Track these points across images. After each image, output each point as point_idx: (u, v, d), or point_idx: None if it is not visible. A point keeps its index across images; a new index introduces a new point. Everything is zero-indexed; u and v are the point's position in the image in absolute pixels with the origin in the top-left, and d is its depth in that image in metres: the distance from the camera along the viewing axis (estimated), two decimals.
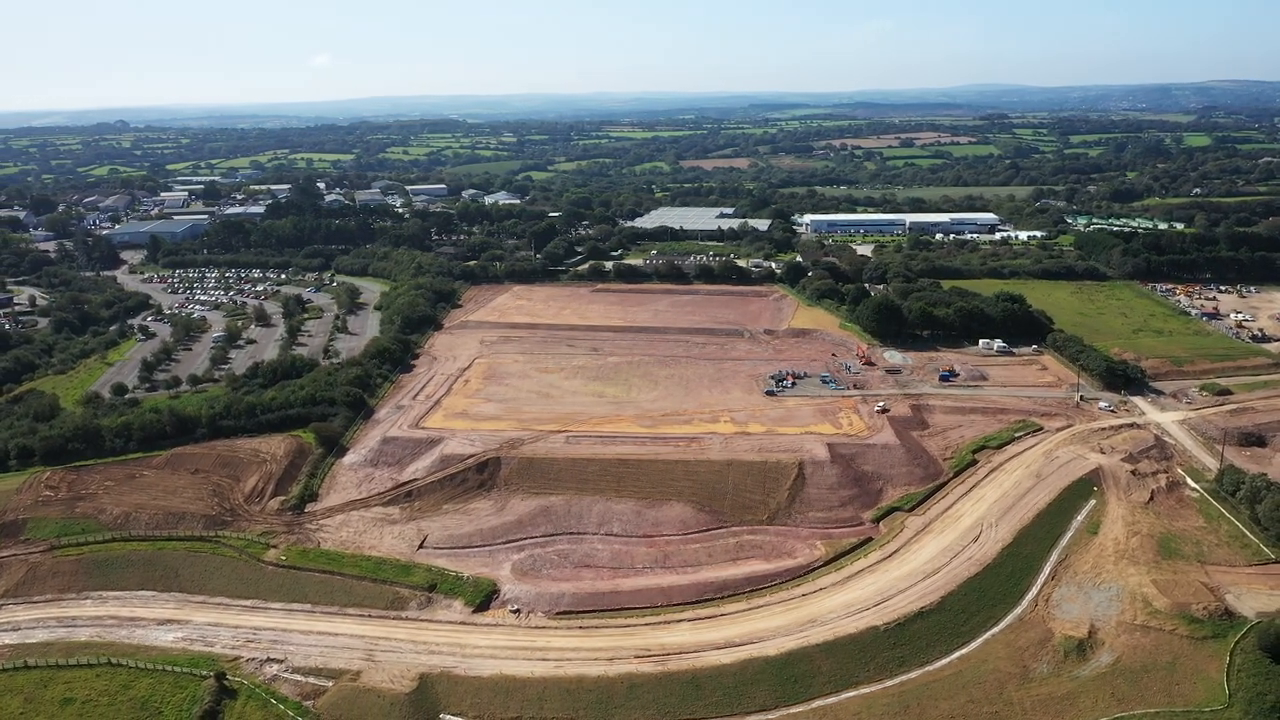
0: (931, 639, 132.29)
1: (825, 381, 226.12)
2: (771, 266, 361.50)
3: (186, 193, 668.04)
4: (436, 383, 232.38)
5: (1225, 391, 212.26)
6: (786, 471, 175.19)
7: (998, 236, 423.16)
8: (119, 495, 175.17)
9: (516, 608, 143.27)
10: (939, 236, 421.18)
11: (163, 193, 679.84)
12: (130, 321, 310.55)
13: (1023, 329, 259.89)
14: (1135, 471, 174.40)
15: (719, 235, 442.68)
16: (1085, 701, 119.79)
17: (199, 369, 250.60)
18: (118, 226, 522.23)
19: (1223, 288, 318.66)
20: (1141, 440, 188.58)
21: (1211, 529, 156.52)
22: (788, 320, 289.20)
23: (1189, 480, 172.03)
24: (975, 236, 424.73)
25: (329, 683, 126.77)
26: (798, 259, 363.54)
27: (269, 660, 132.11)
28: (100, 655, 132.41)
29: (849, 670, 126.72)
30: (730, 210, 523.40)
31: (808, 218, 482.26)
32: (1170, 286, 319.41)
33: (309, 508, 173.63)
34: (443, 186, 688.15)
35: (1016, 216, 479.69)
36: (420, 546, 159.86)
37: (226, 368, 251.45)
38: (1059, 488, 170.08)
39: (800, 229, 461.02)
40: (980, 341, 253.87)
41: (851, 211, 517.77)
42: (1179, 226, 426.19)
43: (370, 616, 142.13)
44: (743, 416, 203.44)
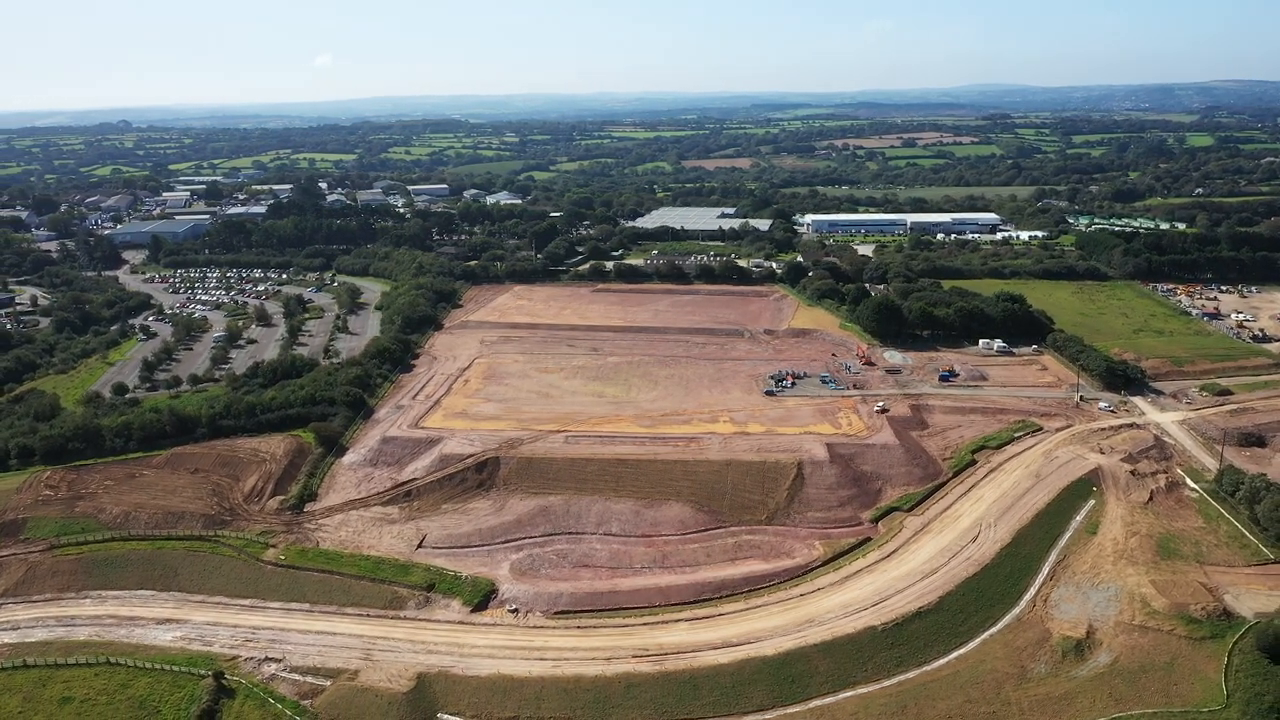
0: (929, 639, 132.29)
1: (825, 381, 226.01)
2: (772, 266, 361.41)
3: (188, 193, 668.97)
4: (436, 382, 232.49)
5: (1225, 392, 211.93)
6: (785, 471, 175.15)
7: (999, 236, 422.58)
8: (119, 495, 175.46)
9: (515, 607, 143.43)
10: (940, 236, 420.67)
11: (165, 193, 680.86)
12: (131, 321, 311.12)
13: (1023, 329, 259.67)
14: (1135, 472, 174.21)
15: (720, 235, 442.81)
16: (1083, 701, 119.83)
17: (199, 369, 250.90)
18: (119, 226, 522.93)
19: (1224, 288, 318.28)
20: (1141, 440, 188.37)
21: (1210, 529, 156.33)
22: (788, 320, 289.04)
23: (1188, 480, 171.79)
24: (976, 236, 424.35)
25: (327, 682, 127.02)
26: (798, 259, 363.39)
27: (267, 659, 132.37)
28: (99, 654, 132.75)
29: (847, 670, 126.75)
30: (731, 210, 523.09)
31: (809, 218, 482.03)
32: (1171, 286, 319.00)
33: (308, 507, 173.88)
34: (444, 186, 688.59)
35: (1018, 216, 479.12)
36: (419, 546, 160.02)
37: (227, 367, 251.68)
38: (1058, 488, 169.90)
39: (801, 229, 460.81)
40: (980, 341, 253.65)
41: (853, 211, 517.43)
42: (1181, 226, 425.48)
43: (368, 616, 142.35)
44: (742, 416, 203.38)
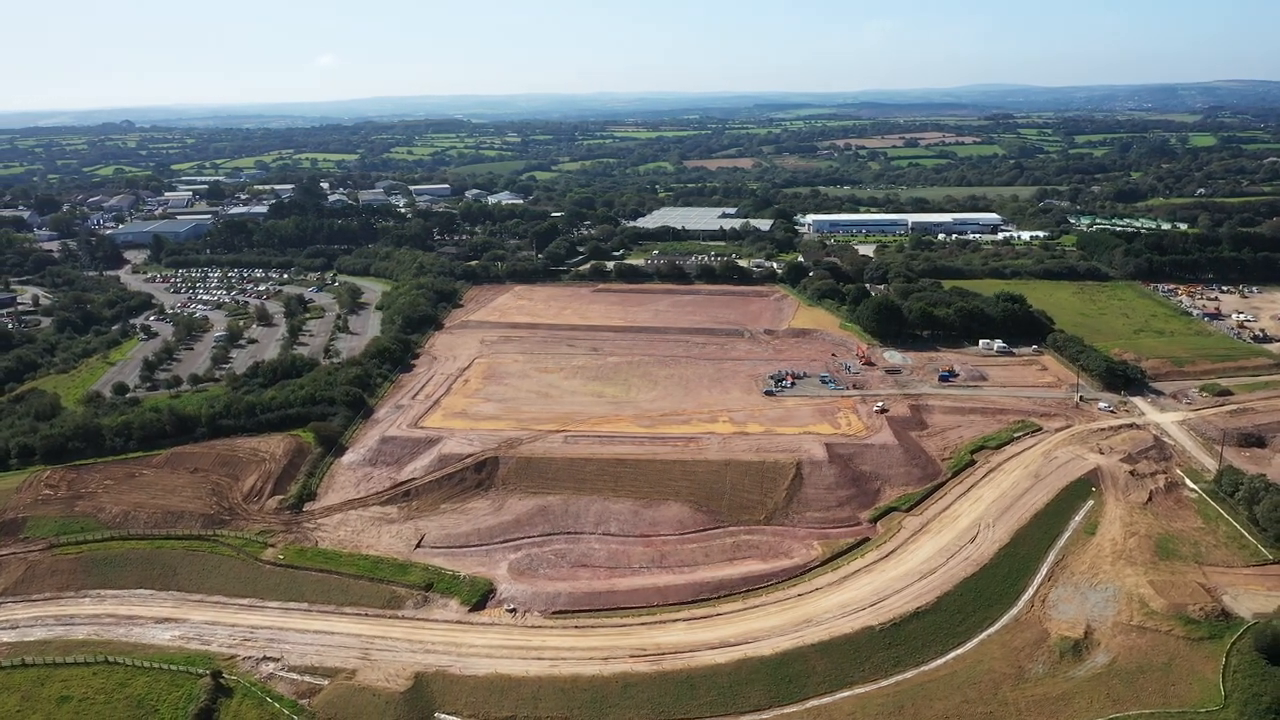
0: (927, 639, 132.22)
1: (824, 381, 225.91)
2: (773, 266, 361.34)
3: (191, 193, 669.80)
4: (436, 382, 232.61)
5: (1225, 392, 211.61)
6: (784, 471, 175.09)
7: (1000, 237, 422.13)
8: (118, 494, 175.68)
9: (513, 607, 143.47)
10: (941, 236, 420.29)
11: (167, 192, 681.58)
12: (132, 321, 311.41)
13: (1023, 329, 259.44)
14: (1134, 472, 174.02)
15: (721, 235, 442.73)
16: (1080, 702, 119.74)
17: (200, 368, 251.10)
18: (121, 226, 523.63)
19: (1225, 288, 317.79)
20: (1141, 441, 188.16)
21: (1209, 530, 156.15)
22: (788, 320, 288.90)
23: (1188, 481, 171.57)
24: (977, 236, 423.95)
25: (325, 681, 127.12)
26: (799, 259, 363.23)
27: (265, 659, 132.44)
28: (97, 653, 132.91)
29: (844, 670, 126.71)
30: (733, 210, 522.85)
31: (810, 218, 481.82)
32: (1172, 287, 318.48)
33: (307, 507, 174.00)
34: (446, 186, 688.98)
35: (1019, 217, 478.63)
36: (418, 546, 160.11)
37: (227, 367, 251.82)
38: (1057, 488, 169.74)
39: (802, 229, 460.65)
40: (980, 342, 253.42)
41: (854, 211, 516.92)
42: (1182, 227, 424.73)
43: (367, 615, 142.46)
44: (741, 416, 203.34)
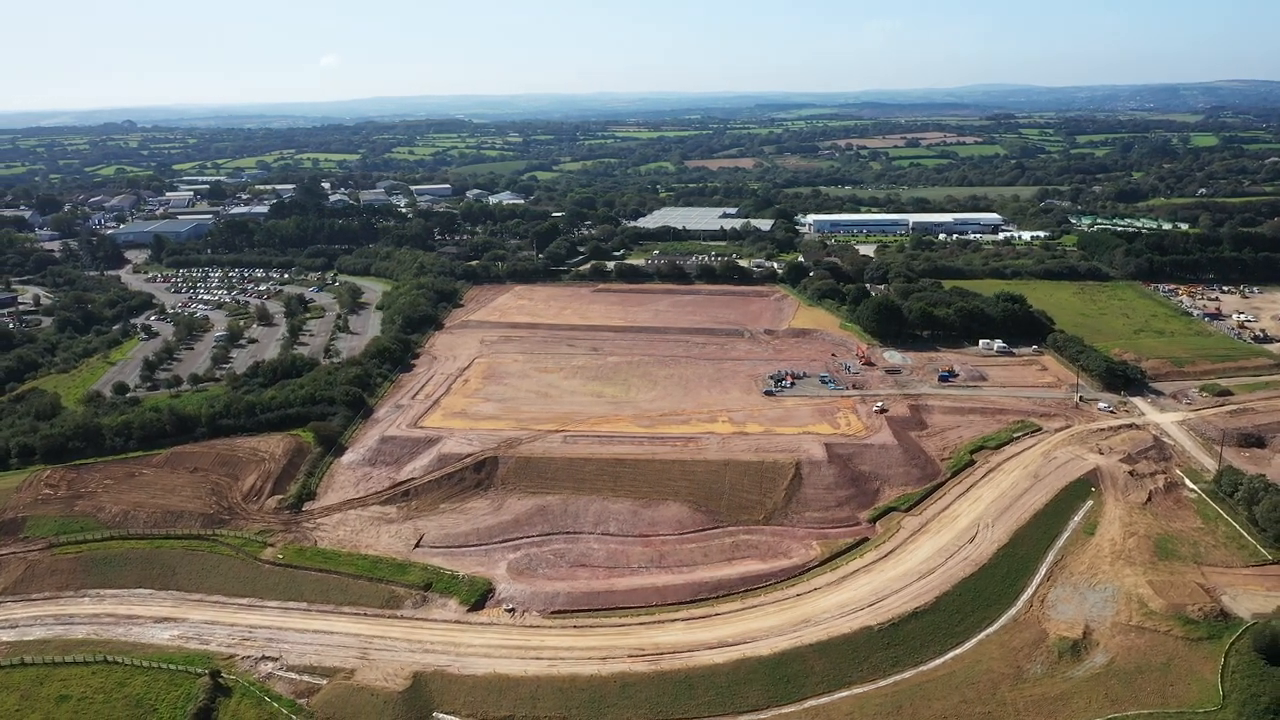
0: (925, 639, 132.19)
1: (824, 382, 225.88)
2: (773, 266, 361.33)
3: (192, 192, 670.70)
4: (436, 382, 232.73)
5: (1225, 392, 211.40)
6: (783, 471, 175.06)
7: (1001, 237, 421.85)
8: (118, 494, 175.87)
9: (511, 607, 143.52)
10: (942, 236, 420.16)
11: (168, 192, 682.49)
12: (133, 321, 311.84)
13: (1023, 329, 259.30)
14: (1133, 472, 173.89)
15: (722, 235, 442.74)
16: (1079, 702, 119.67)
17: (200, 368, 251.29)
18: (122, 226, 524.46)
19: (1225, 288, 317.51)
20: (1140, 441, 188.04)
21: (1209, 530, 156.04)
22: (788, 320, 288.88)
23: (1187, 481, 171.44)
24: (978, 236, 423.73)
25: (323, 681, 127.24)
26: (799, 259, 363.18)
27: (264, 658, 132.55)
28: (96, 653, 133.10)
29: (842, 670, 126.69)
30: (733, 210, 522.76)
31: (811, 218, 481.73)
32: (1173, 287, 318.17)
33: (307, 506, 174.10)
34: (447, 186, 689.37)
35: (1020, 217, 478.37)
36: (417, 545, 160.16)
37: (228, 367, 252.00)
38: (1056, 488, 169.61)
39: (803, 229, 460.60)
40: (980, 342, 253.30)
41: (855, 211, 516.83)
42: (1183, 227, 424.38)
43: (365, 615, 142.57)
44: (741, 416, 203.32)
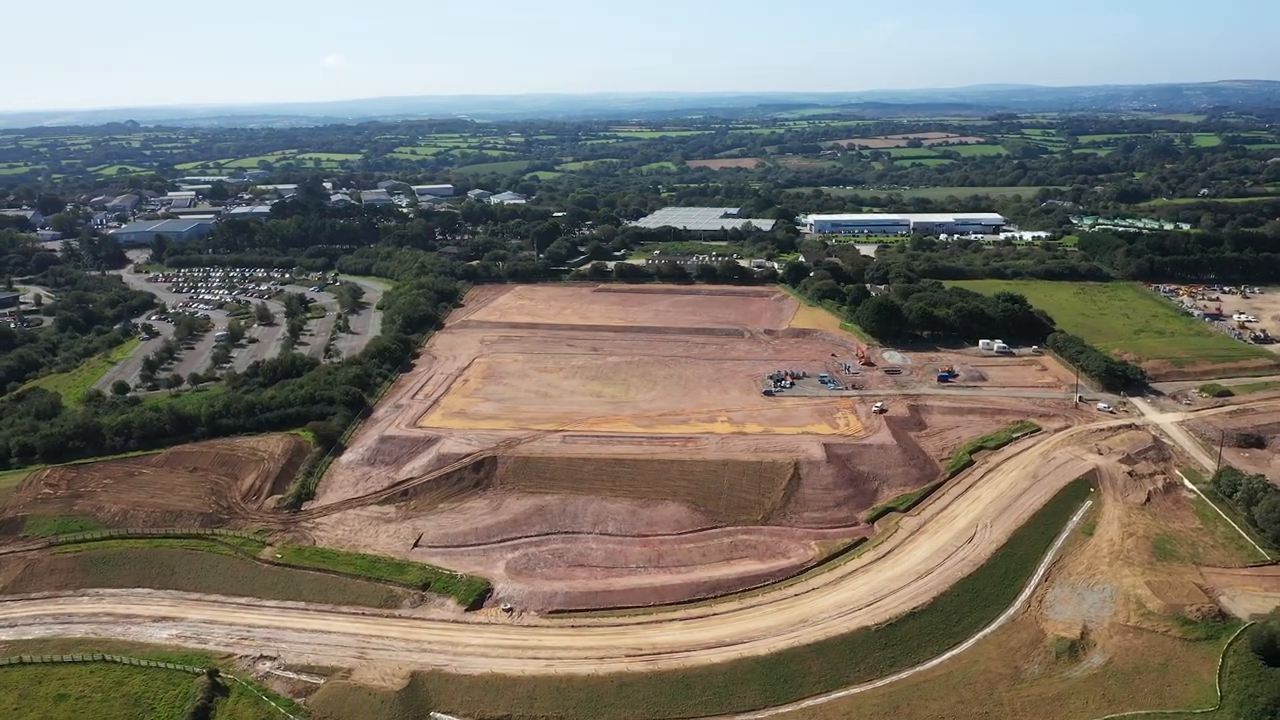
0: (923, 639, 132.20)
1: (824, 382, 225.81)
2: (774, 267, 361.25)
3: (194, 192, 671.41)
4: (436, 382, 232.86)
5: (1225, 393, 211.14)
6: (782, 471, 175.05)
7: (1002, 237, 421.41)
8: (117, 493, 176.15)
9: (509, 606, 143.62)
10: (943, 237, 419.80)
11: (170, 192, 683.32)
12: (134, 320, 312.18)
13: (1023, 329, 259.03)
14: (1132, 473, 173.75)
15: (722, 235, 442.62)
16: (1076, 702, 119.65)
17: (200, 368, 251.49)
18: (124, 226, 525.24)
19: (1226, 289, 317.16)
20: (1140, 441, 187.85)
21: (1208, 530, 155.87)
22: (788, 320, 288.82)
23: (1186, 481, 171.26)
24: (979, 237, 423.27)
25: (321, 680, 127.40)
26: (800, 259, 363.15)
27: (262, 658, 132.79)
28: (95, 652, 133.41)
29: (839, 670, 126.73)
30: (735, 210, 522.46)
31: (812, 218, 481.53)
32: (1174, 287, 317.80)
33: (305, 506, 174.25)
34: (449, 186, 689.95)
35: (1022, 217, 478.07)
36: (415, 545, 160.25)
37: (228, 366, 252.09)
38: (1055, 489, 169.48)
39: (804, 229, 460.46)
40: (980, 342, 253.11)
41: (857, 212, 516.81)
42: (1185, 227, 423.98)
43: (363, 615, 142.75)
44: (740, 416, 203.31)
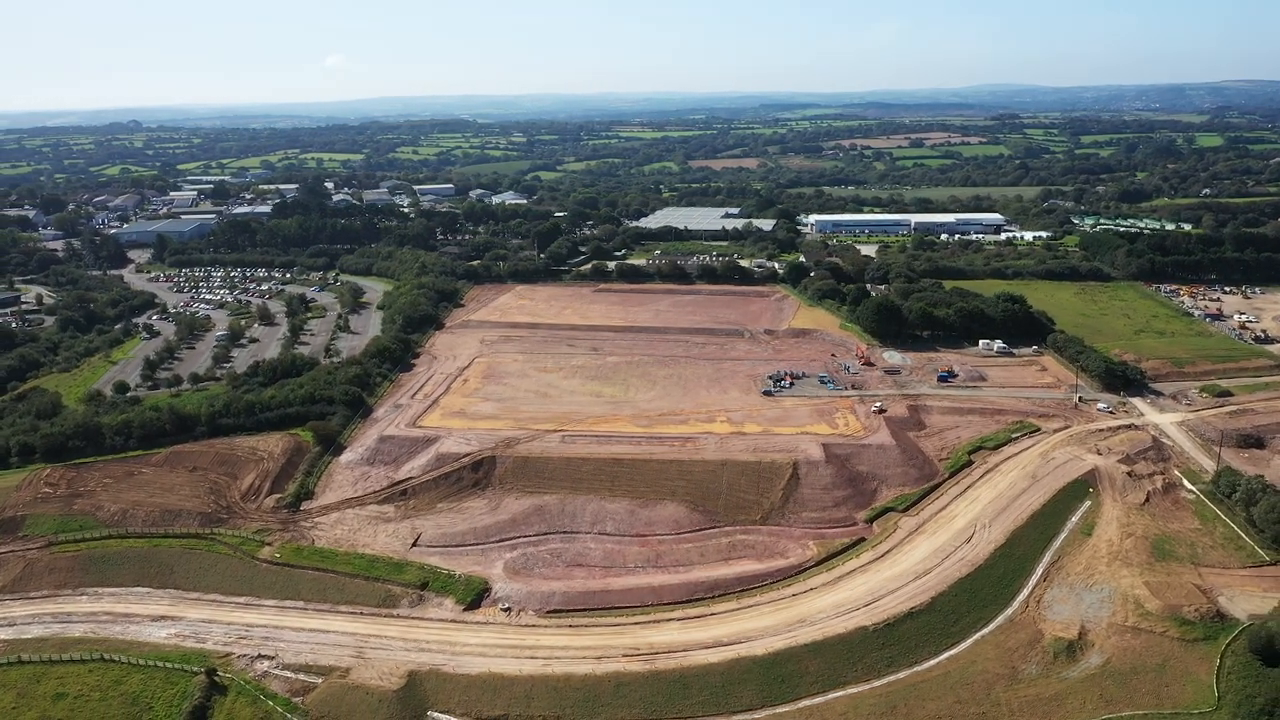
0: (921, 639, 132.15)
1: (823, 382, 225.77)
2: (774, 267, 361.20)
3: (196, 192, 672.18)
4: (435, 382, 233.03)
5: (1225, 393, 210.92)
6: (781, 471, 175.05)
7: (1003, 237, 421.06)
8: (117, 492, 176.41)
9: (507, 606, 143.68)
10: (944, 237, 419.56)
11: (172, 192, 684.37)
12: (135, 320, 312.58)
13: (1023, 330, 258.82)
14: (1131, 473, 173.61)
15: (723, 235, 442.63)
16: (1073, 703, 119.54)
17: (201, 367, 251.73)
18: (126, 226, 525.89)
19: (1227, 289, 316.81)
20: (1139, 442, 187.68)
21: (1206, 531, 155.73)
22: (788, 320, 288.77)
23: (1185, 482, 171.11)
24: (980, 237, 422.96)
25: (318, 679, 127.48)
26: (801, 259, 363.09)
27: (260, 657, 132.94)
28: (93, 651, 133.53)
29: (837, 670, 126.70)
30: (736, 210, 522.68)
31: (813, 218, 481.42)
32: (1174, 288, 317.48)
33: (304, 505, 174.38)
34: (450, 186, 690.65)
35: (1023, 217, 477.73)
36: (414, 545, 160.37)
37: (228, 366, 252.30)
38: (1054, 489, 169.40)
39: (805, 229, 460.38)
40: (980, 342, 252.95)
41: (858, 212, 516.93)
42: (1186, 227, 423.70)
43: (362, 614, 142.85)
44: (739, 416, 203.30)
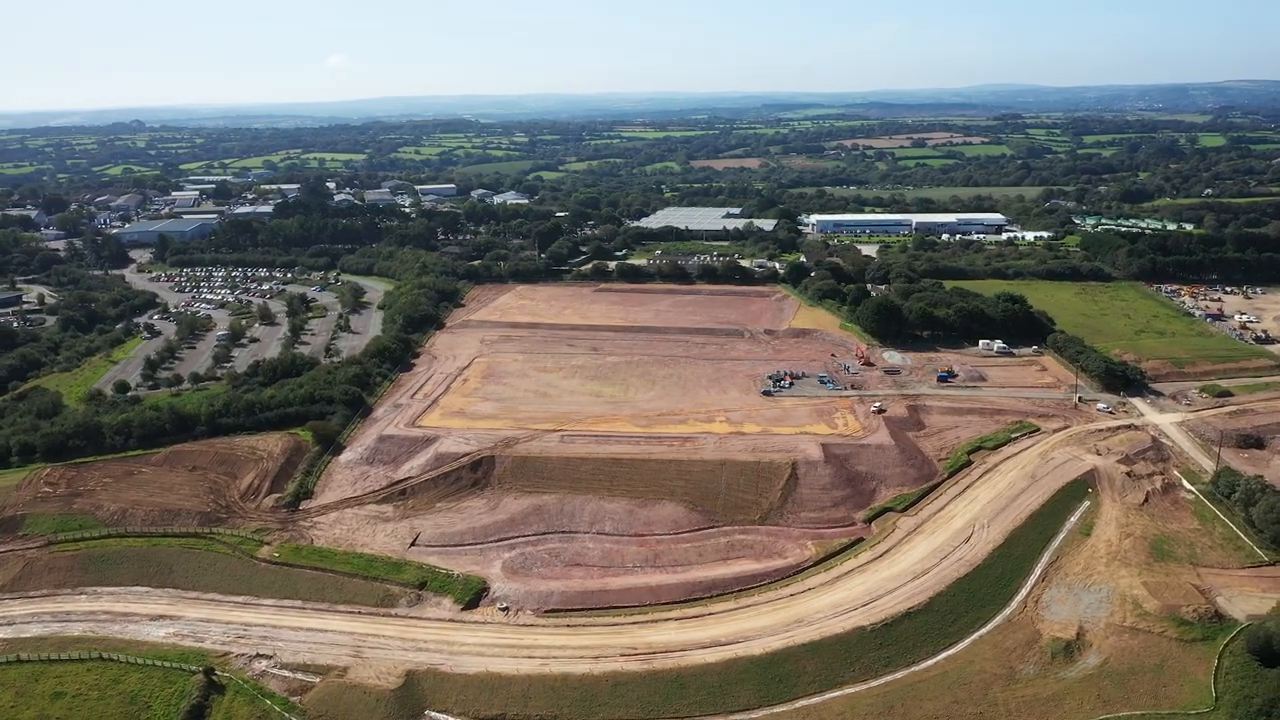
0: (918, 639, 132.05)
1: (823, 382, 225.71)
2: (775, 267, 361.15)
3: (198, 192, 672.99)
4: (435, 381, 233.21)
5: (1225, 393, 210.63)
6: (780, 471, 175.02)
7: (1004, 237, 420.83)
8: (116, 492, 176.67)
9: (505, 606, 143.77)
10: (945, 237, 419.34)
11: (174, 192, 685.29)
12: (136, 320, 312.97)
13: (1023, 330, 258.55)
14: (1131, 473, 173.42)
15: (725, 235, 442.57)
16: (1070, 703, 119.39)
17: (201, 367, 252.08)
18: (127, 226, 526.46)
19: (1228, 289, 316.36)
20: (1138, 442, 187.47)
21: (1205, 531, 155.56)
22: (788, 320, 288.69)
23: (1185, 482, 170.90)
24: (981, 237, 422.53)
25: (316, 679, 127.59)
26: (801, 259, 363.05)
27: (258, 656, 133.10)
28: (92, 650, 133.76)
29: (834, 670, 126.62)
30: (737, 210, 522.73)
31: (814, 218, 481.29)
32: (1175, 288, 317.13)
33: (303, 505, 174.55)
34: (452, 186, 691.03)
35: (1024, 217, 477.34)
36: (412, 544, 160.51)
37: (229, 366, 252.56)
38: (1053, 489, 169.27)
39: (806, 229, 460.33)
40: (980, 342, 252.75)
41: (859, 212, 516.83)
42: (1188, 227, 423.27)
43: (360, 613, 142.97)
44: (738, 416, 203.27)
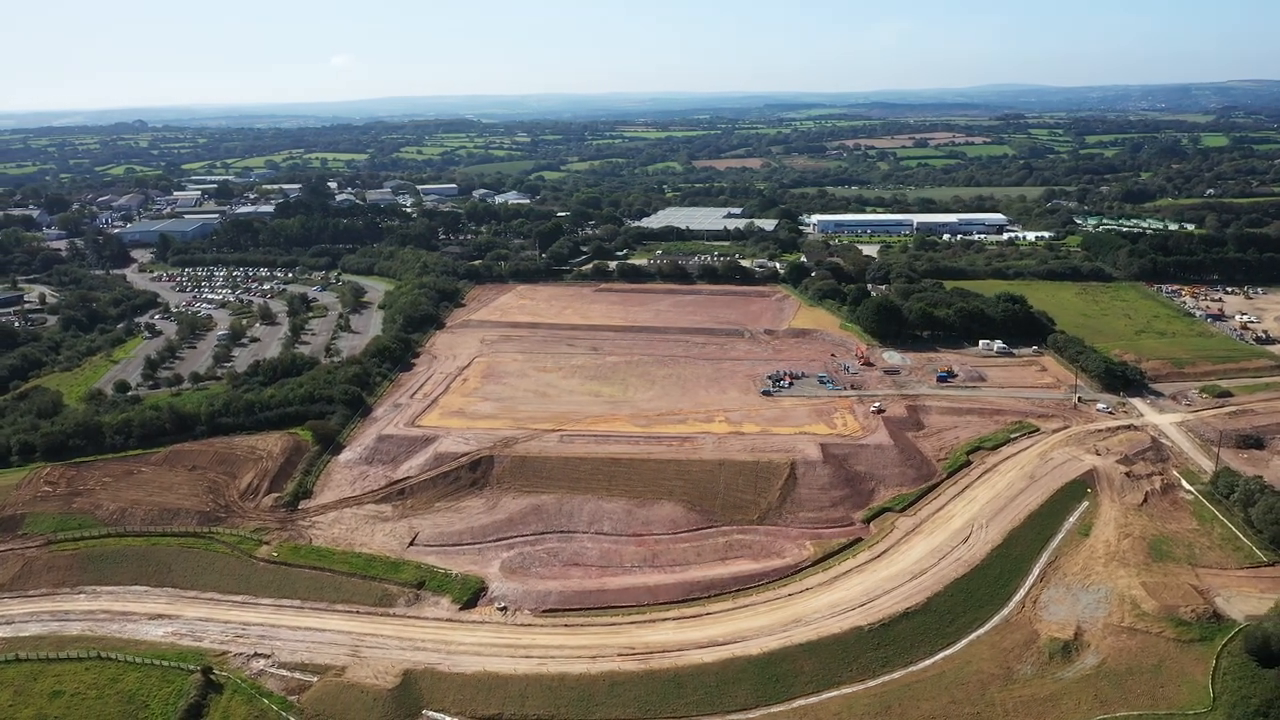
0: (916, 640, 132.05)
1: (822, 382, 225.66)
2: (775, 266, 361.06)
3: (200, 192, 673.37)
4: (435, 381, 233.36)
5: (1225, 394, 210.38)
6: (778, 471, 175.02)
7: (1005, 237, 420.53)
8: (116, 491, 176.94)
9: (503, 605, 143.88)
10: (946, 237, 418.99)
11: (176, 192, 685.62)
12: (137, 319, 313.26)
13: (1024, 330, 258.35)
14: (1130, 473, 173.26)
15: (725, 235, 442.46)
16: (1068, 703, 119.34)
17: (201, 366, 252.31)
18: (129, 225, 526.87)
19: (1229, 289, 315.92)
20: (1138, 442, 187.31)
21: (1204, 531, 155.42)
22: (788, 320, 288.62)
23: (1184, 482, 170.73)
24: (982, 237, 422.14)
25: (314, 678, 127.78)
26: (802, 259, 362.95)
27: (256, 655, 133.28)
28: (90, 649, 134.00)
29: (831, 670, 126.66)
30: (738, 210, 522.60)
31: (815, 218, 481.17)
32: (1176, 288, 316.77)
33: (303, 505, 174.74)
34: (453, 186, 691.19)
35: (1026, 217, 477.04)
36: (411, 544, 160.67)
37: (229, 365, 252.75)
38: (1052, 489, 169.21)
39: (807, 229, 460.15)
40: (980, 342, 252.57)
41: (860, 212, 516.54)
42: (1190, 227, 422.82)
43: (358, 613, 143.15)
44: (738, 416, 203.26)
